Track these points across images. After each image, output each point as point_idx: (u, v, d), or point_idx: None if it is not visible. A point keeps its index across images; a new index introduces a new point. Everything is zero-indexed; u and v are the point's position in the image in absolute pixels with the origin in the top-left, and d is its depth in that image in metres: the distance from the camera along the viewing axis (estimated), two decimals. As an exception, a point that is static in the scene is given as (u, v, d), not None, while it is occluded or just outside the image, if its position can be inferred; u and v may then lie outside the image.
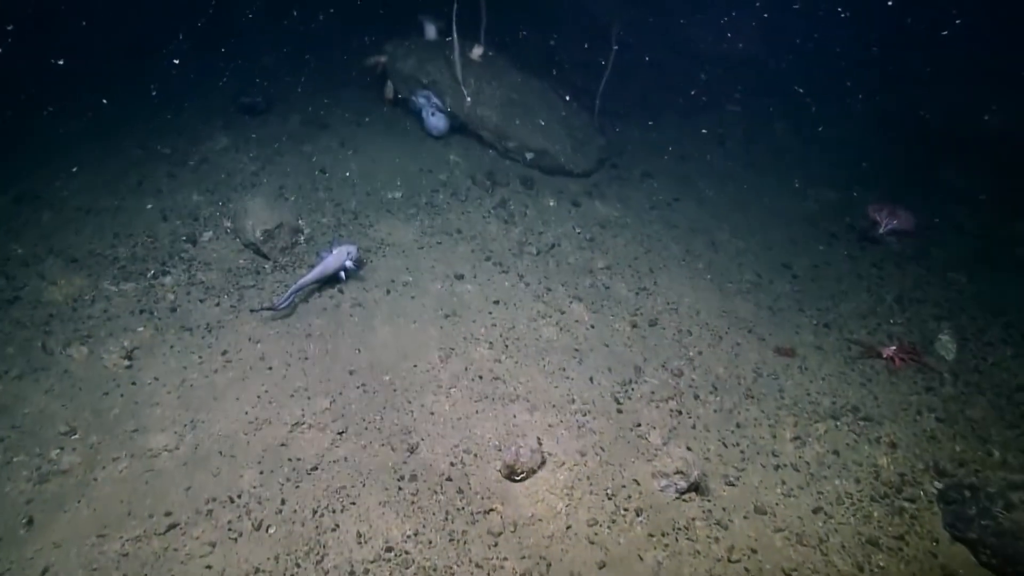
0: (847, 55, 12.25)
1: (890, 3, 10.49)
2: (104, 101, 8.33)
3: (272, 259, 6.05)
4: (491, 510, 4.19)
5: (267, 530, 3.83)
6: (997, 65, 10.69)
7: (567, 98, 9.41)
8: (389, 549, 3.82)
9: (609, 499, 4.36)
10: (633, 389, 5.38)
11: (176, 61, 9.81)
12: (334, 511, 3.99)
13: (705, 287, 6.83)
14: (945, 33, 10.90)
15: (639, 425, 5.03)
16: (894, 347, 5.86)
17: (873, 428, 5.12)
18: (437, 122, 8.59)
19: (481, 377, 5.22)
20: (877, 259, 7.64)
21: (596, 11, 11.84)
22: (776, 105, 11.80)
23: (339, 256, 5.76)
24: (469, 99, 8.17)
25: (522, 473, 4.41)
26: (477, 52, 8.49)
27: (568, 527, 4.09)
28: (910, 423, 5.19)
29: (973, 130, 9.89)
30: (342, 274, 5.88)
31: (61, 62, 8.67)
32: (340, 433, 4.51)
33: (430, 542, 3.90)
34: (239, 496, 3.99)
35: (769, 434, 5.10)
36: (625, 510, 4.31)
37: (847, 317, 6.56)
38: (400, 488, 4.24)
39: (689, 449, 4.85)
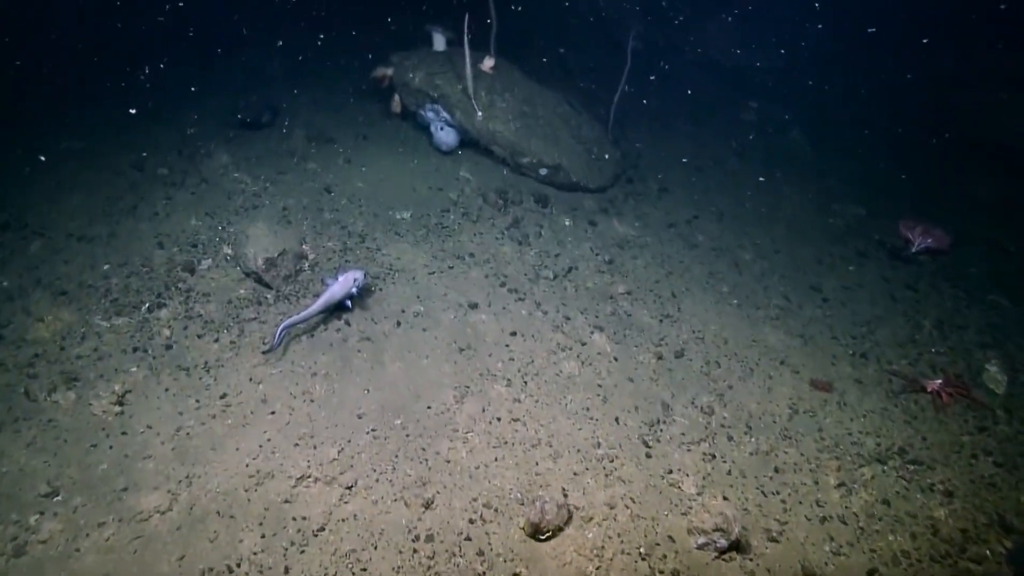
0: (867, 60, 11.88)
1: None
2: (98, 116, 7.97)
3: (275, 288, 5.69)
4: (515, 575, 3.81)
5: (270, 605, 3.46)
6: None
7: (580, 110, 9.04)
8: (405, 627, 3.45)
9: (643, 559, 3.99)
10: (662, 430, 5.01)
11: (174, 72, 9.47)
12: (343, 580, 3.62)
13: (731, 313, 6.45)
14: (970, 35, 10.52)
15: (671, 472, 4.65)
16: (939, 380, 5.47)
17: (924, 473, 4.74)
18: (446, 137, 8.23)
19: (499, 419, 4.85)
20: (911, 280, 7.26)
21: (613, 20, 11.48)
22: (792, 113, 11.43)
23: (345, 283, 5.38)
24: (480, 113, 7.81)
25: (548, 532, 4.04)
26: (488, 64, 8.14)
27: (601, 596, 3.72)
28: (965, 468, 4.80)
29: (1006, 138, 9.47)
30: (348, 302, 5.51)
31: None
32: (349, 487, 4.14)
33: (450, 617, 3.52)
34: (238, 565, 3.62)
35: (811, 480, 4.72)
36: (660, 572, 3.93)
37: (885, 345, 6.17)
38: (415, 550, 3.86)
39: (726, 499, 4.47)
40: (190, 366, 4.84)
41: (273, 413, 4.57)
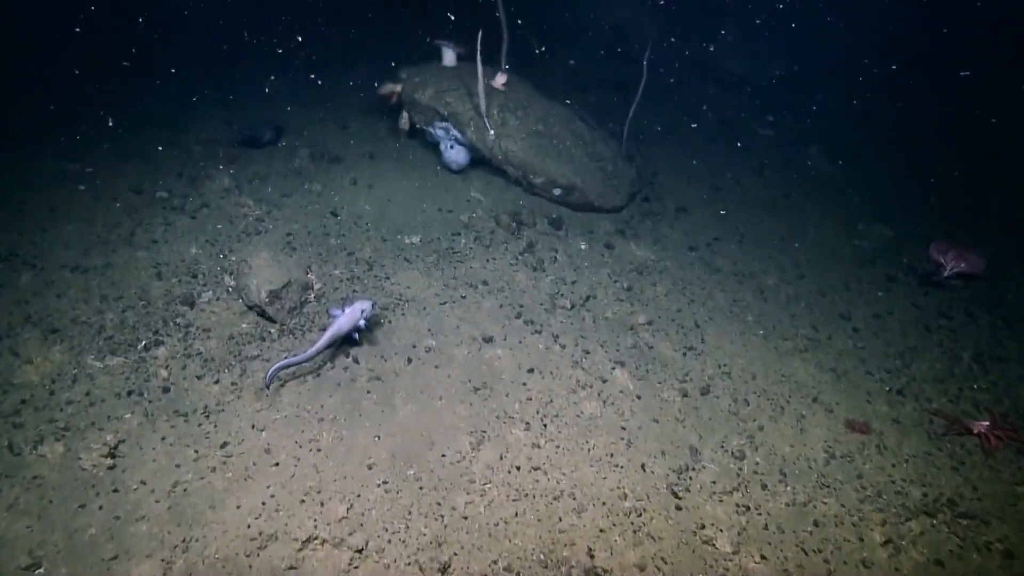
0: (892, 71, 11.58)
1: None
2: (94, 135, 7.68)
3: (279, 321, 5.38)
4: (541, 652, 3.48)
5: None
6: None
7: (594, 126, 8.74)
8: None
9: (679, 632, 3.65)
10: (691, 478, 4.68)
11: (174, 87, 9.20)
12: (354, 664, 3.30)
13: (758, 345, 6.12)
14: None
15: (703, 526, 4.32)
16: (986, 422, 5.13)
17: (979, 529, 4.39)
18: (456, 156, 7.94)
19: (519, 468, 4.52)
20: (944, 307, 6.92)
21: (625, 32, 11.21)
22: (810, 127, 11.12)
23: (352, 316, 5.07)
24: (492, 132, 7.51)
25: (575, 601, 3.70)
26: (500, 80, 7.84)
27: None
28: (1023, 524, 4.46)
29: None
30: (355, 335, 5.20)
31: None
32: (359, 550, 3.81)
33: None
34: (239, 646, 3.29)
35: (854, 536, 4.38)
36: (699, 647, 3.59)
37: (922, 381, 5.84)
38: (431, 624, 3.53)
39: (764, 559, 4.13)
40: (188, 411, 4.53)
41: (277, 464, 4.25)
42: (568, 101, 9.01)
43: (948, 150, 10.23)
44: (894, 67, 11.37)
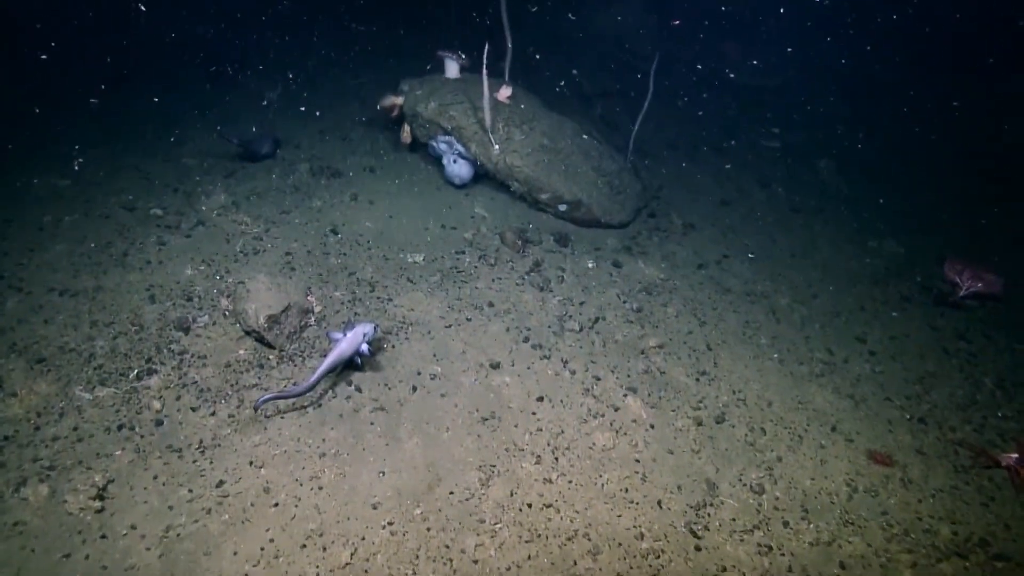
0: (899, 79, 11.44)
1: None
2: (85, 149, 7.44)
3: (278, 347, 5.16)
4: None
5: None
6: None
7: (600, 139, 8.55)
8: None
9: None
10: (710, 514, 4.47)
11: (168, 98, 8.97)
12: None
13: (773, 370, 5.93)
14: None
15: (724, 569, 4.12)
16: (1015, 454, 4.94)
17: (1015, 573, 4.18)
18: (459, 170, 7.73)
19: (530, 506, 4.31)
20: (961, 328, 6.75)
21: (628, 43, 11.05)
22: (816, 139, 10.97)
23: (354, 340, 4.85)
24: (498, 147, 7.31)
25: (594, 656, 3.48)
26: (505, 92, 7.65)
27: None
28: (1059, 568, 4.26)
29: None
30: (358, 359, 4.98)
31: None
32: (363, 601, 3.57)
33: None
34: None
35: (883, 579, 4.16)
36: None
37: (944, 408, 5.65)
38: None
39: (791, 605, 3.92)
40: (183, 446, 4.29)
41: (276, 505, 4.03)
42: (572, 112, 8.81)
43: (958, 162, 10.09)
44: (900, 75, 11.24)
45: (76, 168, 7.01)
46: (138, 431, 4.34)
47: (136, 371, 4.74)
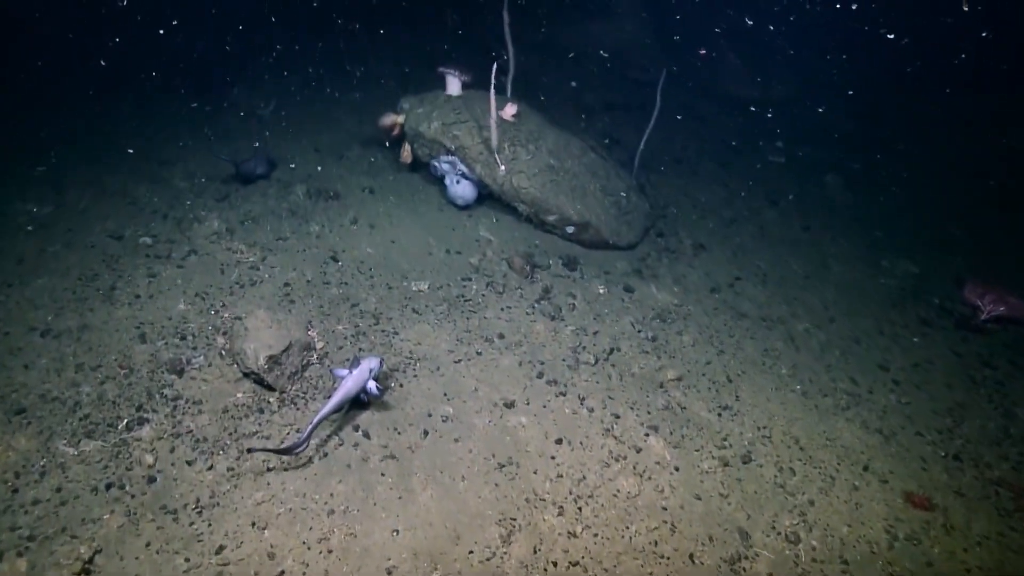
0: (907, 91, 11.31)
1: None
2: (68, 171, 7.05)
3: (279, 389, 4.83)
4: None
5: None
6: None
7: (606, 157, 8.30)
8: None
9: None
10: (746, 569, 4.19)
11: (157, 115, 8.59)
12: None
13: (796, 403, 5.68)
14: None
15: (766, 632, 3.81)
16: (1057, 497, 4.70)
17: (1071, 633, 3.94)
18: (463, 191, 7.44)
19: (555, 564, 4.01)
20: (985, 354, 6.55)
21: (630, 57, 10.82)
22: (823, 154, 10.79)
23: (360, 377, 4.53)
24: (503, 168, 7.02)
25: None
26: (510, 111, 7.37)
27: None
28: (1118, 625, 4.01)
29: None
30: (364, 396, 4.67)
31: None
32: None
33: None
34: None
35: (933, 640, 3.89)
36: None
37: (977, 443, 5.43)
38: None
39: (839, 672, 3.63)
40: (178, 507, 3.95)
41: (283, 573, 3.69)
42: (576, 129, 8.56)
43: (968, 179, 9.94)
44: (906, 87, 11.11)
45: (57, 193, 6.60)
46: (128, 490, 3.98)
47: (126, 421, 4.39)
